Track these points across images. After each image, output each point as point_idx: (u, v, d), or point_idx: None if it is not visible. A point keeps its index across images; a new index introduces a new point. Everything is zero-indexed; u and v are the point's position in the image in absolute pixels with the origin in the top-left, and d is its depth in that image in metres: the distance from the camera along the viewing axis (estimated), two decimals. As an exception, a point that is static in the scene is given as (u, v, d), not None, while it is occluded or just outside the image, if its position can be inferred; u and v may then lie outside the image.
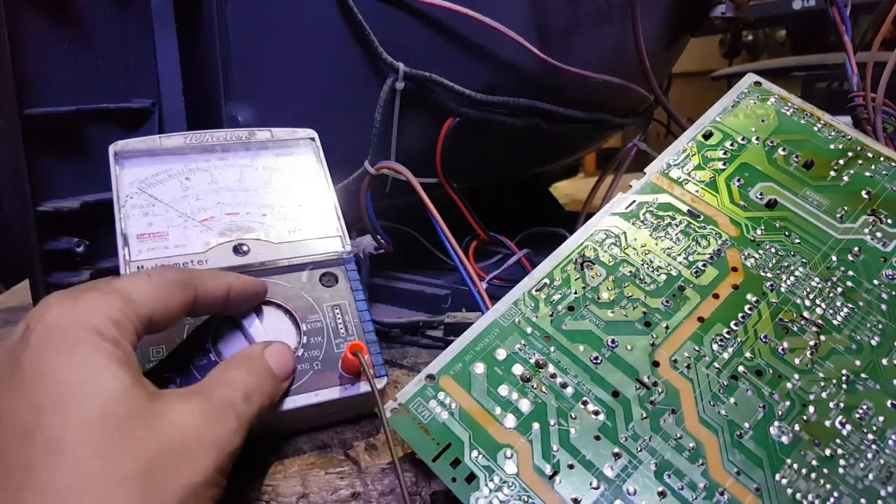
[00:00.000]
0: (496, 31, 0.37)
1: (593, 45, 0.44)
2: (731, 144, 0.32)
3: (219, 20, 0.35)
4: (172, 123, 0.36)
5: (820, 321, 0.26)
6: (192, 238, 0.29)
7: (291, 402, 0.26)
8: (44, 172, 0.33)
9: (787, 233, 0.29)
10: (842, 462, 0.22)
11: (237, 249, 0.29)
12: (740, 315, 0.26)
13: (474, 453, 0.23)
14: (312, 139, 0.33)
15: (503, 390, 0.25)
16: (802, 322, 0.26)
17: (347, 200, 0.35)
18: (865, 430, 0.23)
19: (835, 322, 0.26)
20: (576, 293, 0.27)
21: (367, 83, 0.37)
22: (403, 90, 0.37)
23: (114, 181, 0.29)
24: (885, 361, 0.25)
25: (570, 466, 0.22)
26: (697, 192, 0.31)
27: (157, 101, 0.36)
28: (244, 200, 0.31)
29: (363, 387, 0.27)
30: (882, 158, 0.31)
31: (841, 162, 0.31)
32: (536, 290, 0.28)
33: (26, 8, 0.31)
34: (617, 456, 0.23)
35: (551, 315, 0.27)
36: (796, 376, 0.25)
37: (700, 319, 0.26)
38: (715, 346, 0.26)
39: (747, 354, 0.25)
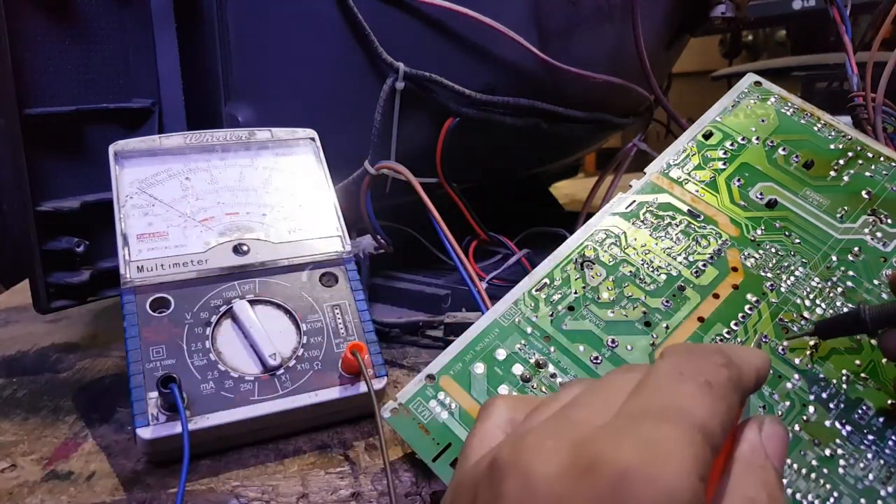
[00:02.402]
0: (496, 31, 0.37)
1: (593, 46, 0.44)
2: (732, 144, 0.32)
3: (219, 20, 0.35)
4: (172, 123, 0.36)
5: (819, 321, 0.26)
6: (192, 238, 0.29)
7: (291, 402, 0.26)
8: (44, 172, 0.33)
9: (787, 233, 0.29)
10: (842, 462, 0.22)
11: (237, 249, 0.29)
12: (740, 315, 0.26)
13: (474, 453, 0.23)
14: (312, 139, 0.33)
15: (503, 390, 0.25)
16: (803, 322, 0.26)
17: (347, 200, 0.35)
18: (865, 431, 0.23)
19: (834, 322, 0.26)
20: (576, 293, 0.27)
21: (367, 83, 0.37)
22: (403, 90, 0.37)
23: (114, 181, 0.29)
24: (884, 361, 0.25)
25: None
26: (697, 191, 0.31)
27: (157, 101, 0.36)
28: (244, 200, 0.31)
29: (363, 387, 0.27)
30: (882, 158, 0.31)
31: (841, 162, 0.31)
32: (536, 290, 0.28)
33: (26, 8, 0.31)
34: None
35: (551, 315, 0.27)
36: (796, 376, 0.25)
37: (700, 319, 0.26)
38: (715, 346, 0.26)
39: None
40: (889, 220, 0.29)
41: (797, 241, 0.29)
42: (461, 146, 0.40)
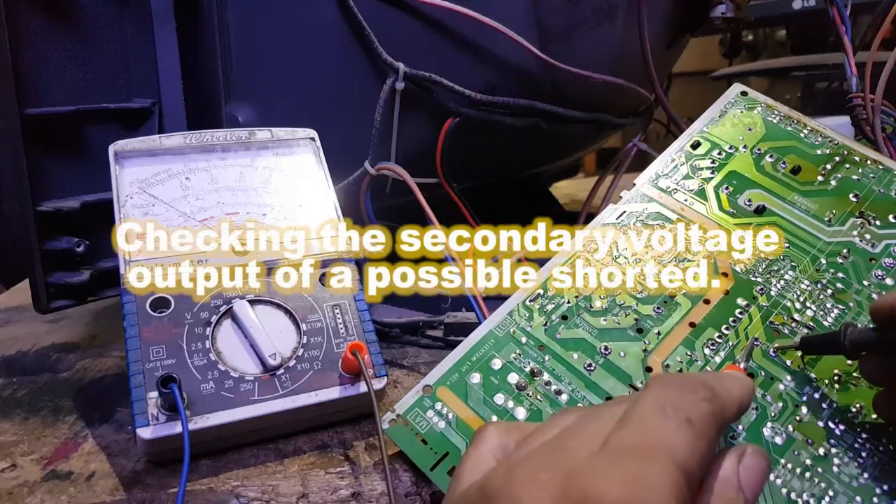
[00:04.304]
0: (496, 31, 0.37)
1: (593, 45, 0.44)
2: (719, 153, 0.32)
3: (219, 20, 0.35)
4: (172, 123, 0.36)
5: (811, 323, 0.26)
6: (192, 238, 0.29)
7: (291, 402, 0.26)
8: (44, 172, 0.33)
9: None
10: (836, 461, 0.23)
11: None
12: (731, 319, 0.27)
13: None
14: (312, 139, 0.34)
15: (499, 399, 0.25)
16: (793, 324, 0.26)
17: (347, 200, 0.35)
18: (859, 429, 0.23)
19: (825, 323, 0.26)
20: (569, 302, 0.28)
21: (367, 83, 0.37)
22: (403, 90, 0.37)
23: (114, 181, 0.29)
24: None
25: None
26: (686, 200, 0.31)
27: (157, 101, 0.36)
28: (244, 200, 0.31)
29: (363, 387, 0.27)
30: (869, 161, 0.31)
31: (828, 166, 0.31)
32: (530, 301, 0.28)
33: (26, 8, 0.31)
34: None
35: (545, 324, 0.27)
36: (788, 377, 0.25)
37: (691, 325, 0.27)
38: (707, 351, 0.26)
39: (738, 358, 0.26)
40: (877, 222, 0.29)
41: (786, 245, 0.29)
42: (461, 146, 0.40)
